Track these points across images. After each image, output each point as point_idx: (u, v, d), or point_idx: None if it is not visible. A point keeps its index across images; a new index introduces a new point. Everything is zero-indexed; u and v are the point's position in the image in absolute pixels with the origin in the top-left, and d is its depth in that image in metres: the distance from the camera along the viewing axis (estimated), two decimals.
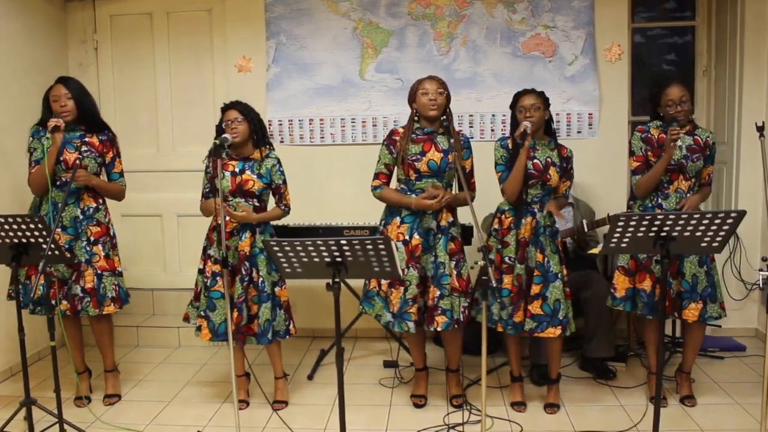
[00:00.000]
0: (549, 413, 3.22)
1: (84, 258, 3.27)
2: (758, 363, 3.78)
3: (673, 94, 3.08)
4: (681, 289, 3.12)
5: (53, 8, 4.48)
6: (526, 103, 3.09)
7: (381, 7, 4.37)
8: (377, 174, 3.25)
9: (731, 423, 3.07)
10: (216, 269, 3.22)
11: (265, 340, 3.22)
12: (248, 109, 3.24)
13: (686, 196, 3.13)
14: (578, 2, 4.25)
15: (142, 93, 4.67)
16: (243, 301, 3.20)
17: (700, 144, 3.13)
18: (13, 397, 3.40)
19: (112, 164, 3.40)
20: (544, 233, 3.11)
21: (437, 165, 3.11)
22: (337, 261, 2.35)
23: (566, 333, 3.12)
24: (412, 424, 3.15)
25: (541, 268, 3.09)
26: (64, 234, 3.25)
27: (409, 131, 3.18)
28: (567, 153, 3.19)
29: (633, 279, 3.19)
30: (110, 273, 3.34)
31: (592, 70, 4.28)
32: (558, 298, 3.08)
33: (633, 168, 3.20)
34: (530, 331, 3.09)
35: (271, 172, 3.26)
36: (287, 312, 3.33)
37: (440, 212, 3.15)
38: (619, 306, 3.22)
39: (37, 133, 3.28)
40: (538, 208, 3.13)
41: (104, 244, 3.34)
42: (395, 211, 3.20)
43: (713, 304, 3.12)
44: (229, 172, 3.23)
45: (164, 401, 3.48)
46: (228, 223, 3.22)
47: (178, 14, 4.60)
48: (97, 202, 3.35)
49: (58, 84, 3.26)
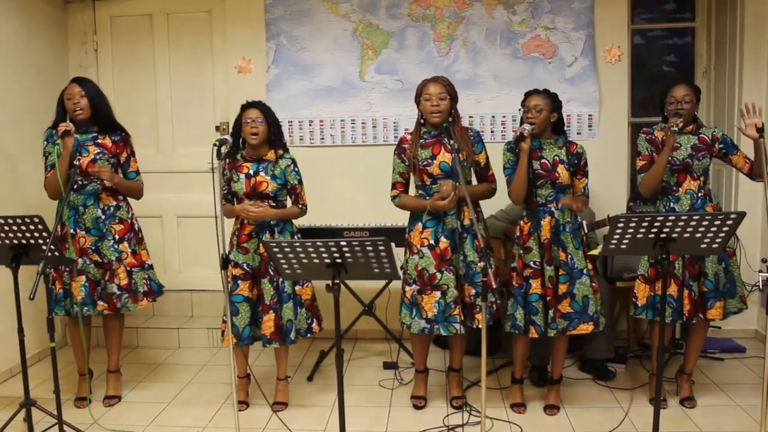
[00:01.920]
0: (549, 414, 3.22)
1: (114, 257, 3.31)
2: (758, 364, 3.78)
3: (676, 92, 3.10)
4: (705, 289, 3.11)
5: (53, 9, 4.48)
6: (530, 104, 3.09)
7: (381, 9, 4.37)
8: (394, 184, 3.25)
9: (731, 424, 3.07)
10: (237, 273, 3.23)
11: (289, 340, 3.23)
12: (268, 110, 3.26)
13: (698, 195, 3.12)
14: (578, 4, 4.25)
15: (142, 94, 4.67)
16: (277, 302, 3.21)
17: (707, 142, 3.12)
18: (13, 398, 3.40)
19: (127, 163, 3.41)
20: (564, 231, 3.10)
21: (449, 166, 3.11)
22: (337, 262, 2.35)
23: (599, 328, 3.12)
24: (411, 425, 3.15)
25: (566, 267, 3.09)
26: (88, 236, 3.27)
27: (417, 136, 3.18)
28: (577, 149, 3.16)
29: (653, 286, 3.17)
30: (139, 268, 3.39)
31: (592, 71, 4.28)
32: (586, 294, 3.08)
33: (639, 167, 3.20)
34: (563, 330, 3.09)
35: (285, 173, 3.26)
36: (310, 310, 3.32)
37: (462, 211, 3.15)
38: (641, 315, 3.20)
39: (51, 137, 3.29)
40: (554, 207, 3.12)
41: (129, 241, 3.38)
42: (417, 217, 3.20)
43: (732, 299, 3.17)
44: (244, 174, 3.23)
45: (164, 402, 3.48)
46: (246, 226, 3.24)
47: (178, 15, 4.60)
48: (117, 200, 3.37)
49: (73, 83, 3.27)
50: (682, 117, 3.04)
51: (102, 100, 3.34)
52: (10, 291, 2.74)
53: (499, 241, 3.99)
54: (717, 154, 3.16)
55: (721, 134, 3.16)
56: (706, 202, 3.14)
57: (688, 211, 3.09)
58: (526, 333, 3.13)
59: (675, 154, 3.09)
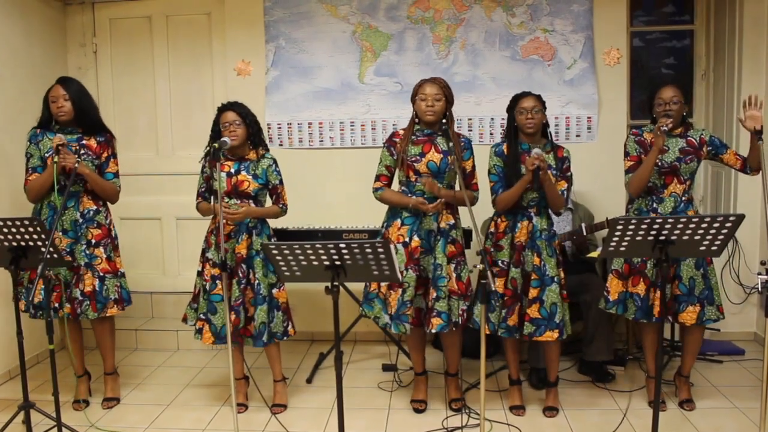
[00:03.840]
0: (548, 417, 3.22)
1: (84, 261, 3.27)
2: (757, 367, 3.78)
3: (664, 94, 3.10)
4: (678, 292, 3.12)
5: (53, 11, 4.48)
6: (527, 105, 3.09)
7: (380, 11, 4.37)
8: (378, 176, 3.25)
9: (730, 427, 3.07)
10: (215, 272, 3.22)
11: (261, 343, 3.22)
12: (246, 111, 3.24)
13: (682, 199, 3.13)
14: (577, 6, 4.26)
15: (141, 96, 4.67)
16: (240, 303, 3.20)
17: (694, 145, 3.12)
18: (12, 401, 3.39)
19: (106, 163, 3.36)
20: (540, 237, 3.11)
21: (437, 166, 3.11)
22: (336, 264, 2.35)
23: (563, 336, 3.12)
24: (410, 427, 3.15)
25: (538, 272, 3.09)
26: (64, 237, 3.25)
27: (410, 132, 3.18)
28: (564, 154, 3.18)
29: (626, 283, 3.19)
30: (112, 275, 3.34)
31: (591, 73, 4.29)
32: (554, 302, 3.08)
33: (627, 168, 3.20)
34: (529, 335, 3.09)
35: (267, 173, 3.26)
36: (286, 313, 3.32)
37: (440, 214, 3.15)
38: (611, 309, 3.23)
39: (34, 137, 3.28)
40: (534, 212, 3.13)
41: (105, 247, 3.33)
42: (396, 213, 3.20)
43: (711, 306, 3.12)
44: (225, 173, 3.23)
45: (163, 404, 3.48)
46: (226, 226, 3.23)
47: (177, 18, 4.60)
48: (98, 204, 3.34)
49: (57, 84, 3.25)
50: (671, 118, 3.05)
51: (86, 102, 3.29)
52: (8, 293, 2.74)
53: None
54: (707, 156, 3.17)
55: (709, 136, 3.16)
56: (688, 207, 3.14)
57: (671, 213, 3.09)
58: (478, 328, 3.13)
59: (663, 156, 3.09)
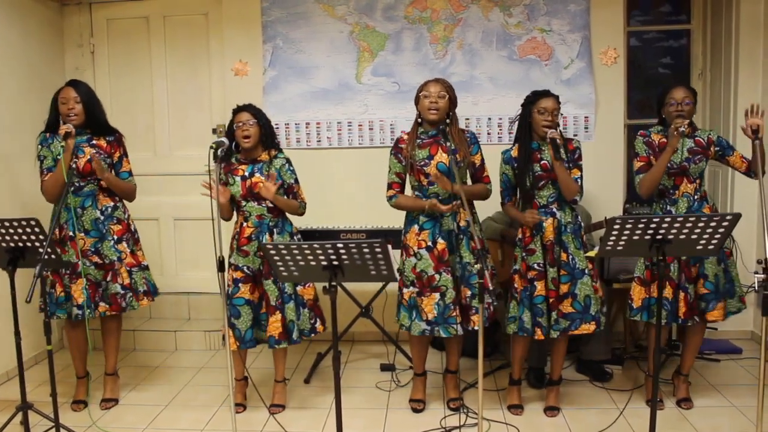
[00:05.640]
0: (549, 416, 3.22)
1: (115, 257, 3.32)
2: (754, 366, 3.79)
3: (676, 94, 3.10)
4: (704, 291, 3.12)
5: (50, 12, 4.48)
6: (548, 106, 3.09)
7: (377, 11, 4.37)
8: (390, 184, 3.25)
9: (727, 426, 3.08)
10: (237, 276, 3.23)
11: (293, 341, 3.23)
12: (259, 112, 3.27)
13: (695, 198, 3.14)
14: (574, 6, 4.26)
15: (138, 97, 4.67)
16: (282, 302, 3.21)
17: (703, 145, 3.13)
18: (10, 402, 3.39)
19: (119, 163, 3.41)
20: (566, 231, 3.13)
21: (446, 166, 3.11)
22: (334, 264, 2.36)
23: (600, 327, 3.15)
24: (409, 427, 3.15)
25: (567, 267, 3.11)
26: (87, 238, 3.27)
27: (414, 136, 3.18)
28: (575, 145, 3.18)
29: (648, 289, 3.18)
30: (138, 268, 3.41)
31: (588, 73, 4.29)
32: (587, 294, 3.10)
33: (637, 168, 3.20)
34: (565, 329, 3.11)
35: (281, 173, 3.26)
36: (312, 310, 3.33)
37: (458, 213, 3.15)
38: (636, 316, 3.21)
39: (45, 140, 3.29)
40: (556, 207, 3.14)
41: (128, 241, 3.39)
42: (413, 219, 3.20)
43: (732, 299, 3.18)
44: (239, 176, 3.23)
45: (161, 405, 3.48)
46: (245, 229, 3.23)
47: (174, 18, 4.60)
48: (114, 201, 3.38)
49: (68, 87, 3.26)
50: (685, 118, 3.05)
51: (96, 105, 3.33)
52: (6, 294, 2.74)
53: (496, 243, 3.99)
54: (713, 156, 3.17)
55: (717, 137, 3.17)
56: (702, 204, 3.15)
57: (684, 213, 3.10)
58: (532, 335, 3.14)
59: (672, 157, 3.10)
